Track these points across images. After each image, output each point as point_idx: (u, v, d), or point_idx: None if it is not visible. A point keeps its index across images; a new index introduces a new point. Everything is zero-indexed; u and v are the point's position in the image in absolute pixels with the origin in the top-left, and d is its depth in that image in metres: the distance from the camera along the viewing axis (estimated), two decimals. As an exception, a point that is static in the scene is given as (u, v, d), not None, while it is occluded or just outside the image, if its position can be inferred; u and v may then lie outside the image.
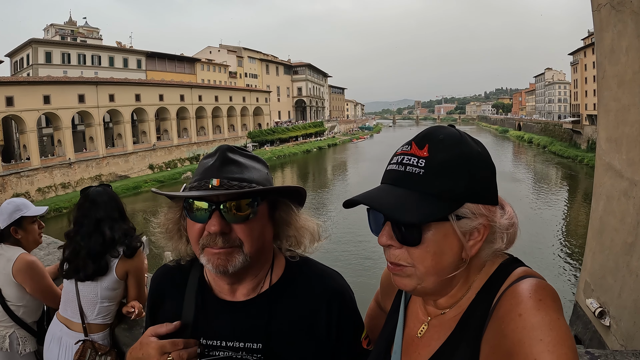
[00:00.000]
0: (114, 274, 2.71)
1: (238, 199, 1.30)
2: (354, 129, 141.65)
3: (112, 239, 2.69)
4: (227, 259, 1.29)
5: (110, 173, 52.53)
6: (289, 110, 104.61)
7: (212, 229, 1.27)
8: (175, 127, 64.48)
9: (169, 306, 1.51)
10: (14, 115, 45.66)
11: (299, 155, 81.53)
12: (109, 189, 2.87)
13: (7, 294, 2.98)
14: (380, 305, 1.63)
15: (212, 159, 1.38)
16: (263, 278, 1.45)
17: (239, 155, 1.39)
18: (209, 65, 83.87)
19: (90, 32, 78.37)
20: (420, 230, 1.06)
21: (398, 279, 1.13)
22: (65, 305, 2.76)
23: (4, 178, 41.36)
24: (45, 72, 55.15)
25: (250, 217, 1.32)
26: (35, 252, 3.53)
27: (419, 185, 1.07)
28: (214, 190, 1.28)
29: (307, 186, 51.58)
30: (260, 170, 1.41)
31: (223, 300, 1.44)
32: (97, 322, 2.72)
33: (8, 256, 2.97)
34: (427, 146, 1.09)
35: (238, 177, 1.32)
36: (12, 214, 3.02)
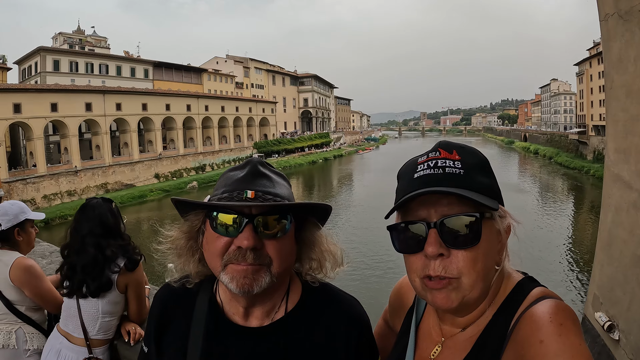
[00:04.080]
0: (115, 288, 2.70)
1: (271, 214, 1.25)
2: (359, 140, 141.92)
3: (102, 256, 2.65)
4: (254, 277, 1.23)
5: (116, 181, 52.88)
6: (295, 121, 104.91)
7: (245, 244, 1.21)
8: (182, 136, 64.70)
9: (175, 329, 1.43)
10: (21, 122, 45.84)
11: (304, 166, 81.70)
12: (104, 204, 2.82)
13: (7, 294, 2.97)
14: (389, 324, 1.59)
15: (241, 171, 1.33)
16: (278, 303, 1.38)
17: (269, 170, 1.35)
18: (215, 75, 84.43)
19: (98, 42, 79.05)
20: (480, 226, 1.06)
21: (441, 295, 1.09)
22: (66, 320, 2.74)
23: (10, 184, 41.58)
24: (53, 80, 55.68)
25: (280, 234, 1.27)
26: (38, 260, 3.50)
27: (464, 184, 1.08)
28: (248, 201, 1.23)
29: (313, 197, 51.76)
30: (287, 187, 1.38)
31: (236, 324, 1.37)
32: (98, 337, 2.70)
33: (5, 260, 2.95)
34: (455, 151, 1.12)
35: (272, 192, 1.28)
36: (17, 215, 3.05)
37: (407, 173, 1.17)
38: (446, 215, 1.07)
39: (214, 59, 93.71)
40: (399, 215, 1.18)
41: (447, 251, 1.06)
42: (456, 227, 1.06)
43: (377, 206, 36.62)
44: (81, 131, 53.05)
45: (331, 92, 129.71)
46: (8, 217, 3.01)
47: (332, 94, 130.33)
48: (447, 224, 1.07)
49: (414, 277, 1.12)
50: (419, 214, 1.10)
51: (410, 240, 1.12)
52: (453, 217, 1.07)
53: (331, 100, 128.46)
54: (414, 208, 1.12)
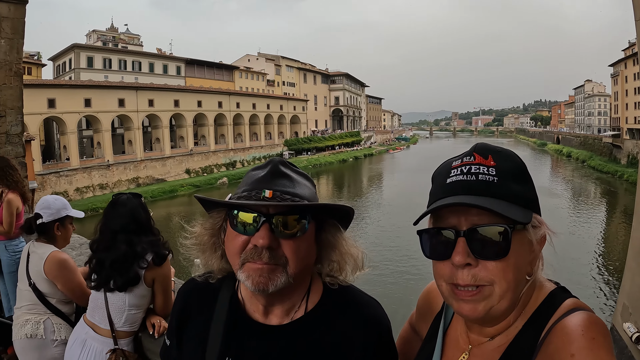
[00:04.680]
0: (142, 282, 2.71)
1: (289, 214, 1.26)
2: (390, 140, 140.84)
3: (133, 252, 2.65)
4: (269, 276, 1.23)
5: (147, 176, 53.57)
6: (325, 119, 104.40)
7: (260, 242, 1.21)
8: (213, 133, 65.13)
9: (196, 324, 1.43)
10: (56, 117, 46.88)
11: (335, 164, 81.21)
12: (134, 200, 2.81)
13: (40, 287, 3.07)
14: (415, 328, 1.55)
15: (262, 170, 1.33)
16: (298, 302, 1.37)
17: (290, 170, 1.35)
18: (247, 73, 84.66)
19: (131, 39, 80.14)
20: (509, 238, 1.02)
21: (470, 305, 1.06)
22: (93, 311, 2.76)
23: (44, 177, 42.11)
24: (86, 76, 57.06)
25: (298, 234, 1.26)
26: (67, 251, 3.67)
27: (497, 192, 1.05)
28: (266, 201, 1.23)
29: (342, 195, 51.85)
30: (309, 188, 1.36)
31: (255, 321, 1.37)
32: (124, 329, 2.71)
33: (40, 253, 3.08)
34: (490, 156, 1.09)
35: (290, 192, 1.27)
36: (60, 211, 3.18)
37: (441, 177, 1.14)
38: (476, 224, 1.04)
39: (246, 56, 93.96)
40: (431, 219, 1.14)
41: (474, 261, 1.03)
42: (485, 238, 1.03)
43: (407, 206, 36.27)
44: (114, 126, 54.40)
45: (362, 91, 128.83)
46: (50, 210, 3.15)
47: (363, 92, 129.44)
48: (476, 234, 1.04)
49: (441, 283, 1.10)
50: (449, 221, 1.08)
51: (439, 247, 1.10)
52: (482, 227, 1.03)
53: (362, 99, 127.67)
54: (444, 214, 1.09)
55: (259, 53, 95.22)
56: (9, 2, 7.27)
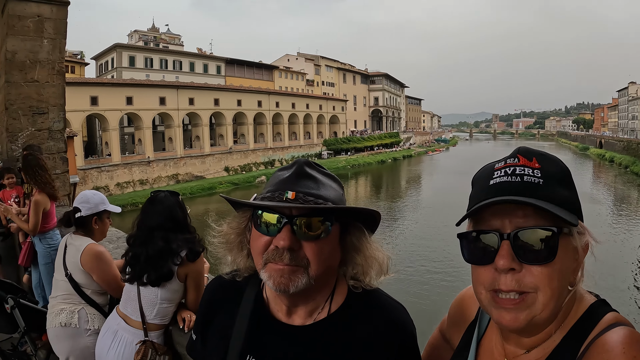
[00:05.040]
0: (175, 278, 2.72)
1: (312, 216, 1.24)
2: (429, 141, 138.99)
3: (169, 249, 2.68)
4: (290, 277, 1.22)
5: (186, 173, 54.13)
6: (365, 120, 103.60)
7: (281, 244, 1.21)
8: (252, 131, 65.32)
9: (221, 320, 1.46)
10: (98, 114, 48.03)
11: (373, 165, 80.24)
12: (171, 197, 2.85)
13: (76, 277, 3.17)
14: (445, 336, 1.51)
15: (287, 171, 1.32)
16: (322, 304, 1.37)
17: (316, 171, 1.34)
18: (286, 72, 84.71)
19: (172, 39, 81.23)
20: (557, 242, 0.98)
21: (511, 314, 1.00)
22: (125, 303, 2.80)
23: (86, 172, 43.08)
24: (128, 75, 58.34)
25: (321, 236, 1.25)
26: (105, 244, 3.77)
27: (543, 194, 1.00)
28: (288, 202, 1.23)
29: (380, 196, 51.39)
30: (336, 189, 1.35)
31: (279, 321, 1.37)
32: (155, 322, 2.74)
33: (77, 245, 3.17)
34: (535, 159, 1.05)
35: (314, 193, 1.26)
36: (98, 205, 3.27)
37: (482, 179, 1.10)
38: (521, 227, 0.99)
39: (285, 56, 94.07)
40: (471, 223, 1.10)
41: (519, 265, 0.98)
42: (531, 241, 0.98)
43: (445, 209, 35.41)
44: (155, 124, 55.12)
45: (402, 92, 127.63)
46: (89, 205, 3.25)
47: (402, 93, 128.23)
48: (522, 237, 0.98)
49: (481, 290, 1.05)
50: (492, 224, 1.03)
51: (480, 251, 1.05)
52: (528, 230, 0.98)
53: (402, 100, 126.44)
54: (487, 217, 1.04)
55: (298, 53, 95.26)
56: (51, 4, 7.53)
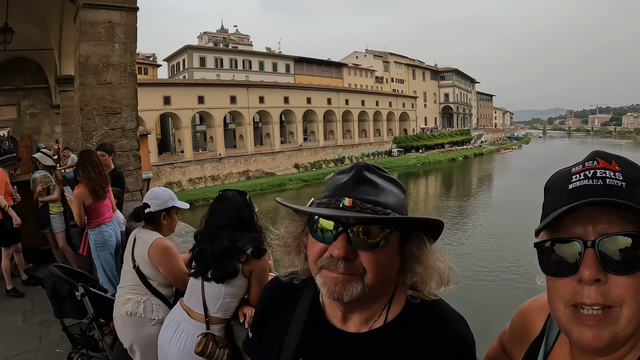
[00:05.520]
0: (240, 275, 2.76)
1: (369, 224, 1.18)
2: (501, 139, 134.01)
3: (234, 247, 2.71)
4: (344, 286, 1.17)
5: (257, 169, 54.77)
6: (435, 117, 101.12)
7: (336, 253, 1.16)
8: (322, 129, 65.17)
9: (276, 321, 1.45)
10: (171, 113, 49.82)
11: (444, 163, 78.08)
12: (239, 197, 2.88)
13: (143, 269, 3.31)
14: (506, 349, 1.43)
15: (346, 175, 1.26)
16: (379, 312, 1.31)
17: (376, 176, 1.26)
18: (355, 70, 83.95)
19: (241, 39, 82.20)
20: None
21: (593, 331, 0.91)
22: (189, 296, 2.86)
23: (159, 168, 45.10)
24: (199, 75, 59.92)
25: (379, 245, 1.18)
26: (173, 238, 4.07)
27: (627, 198, 0.92)
28: (344, 210, 1.18)
29: (451, 195, 49.98)
30: (396, 194, 1.27)
31: (333, 326, 1.34)
32: (217, 315, 2.79)
33: (145, 239, 3.33)
34: (614, 161, 0.98)
35: (372, 200, 1.19)
36: (167, 201, 3.44)
37: (559, 184, 1.01)
38: (605, 233, 0.91)
39: (353, 53, 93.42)
40: (547, 231, 1.01)
41: (604, 276, 0.90)
42: (617, 249, 0.90)
43: (517, 210, 34.02)
44: (226, 122, 56.49)
45: (472, 87, 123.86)
46: (158, 201, 3.41)
47: (473, 89, 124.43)
48: (607, 244, 0.90)
49: (559, 305, 0.96)
50: (573, 231, 0.94)
51: (559, 262, 0.96)
52: (614, 237, 0.90)
53: (472, 96, 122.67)
54: (567, 224, 0.95)
55: (366, 50, 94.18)
56: (121, 10, 7.91)
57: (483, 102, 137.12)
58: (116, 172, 6.71)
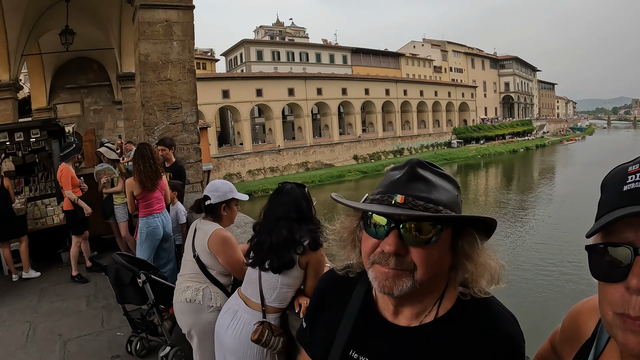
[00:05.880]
0: (297, 266, 2.78)
1: (421, 221, 1.19)
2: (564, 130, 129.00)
3: (292, 239, 2.74)
4: (394, 281, 1.19)
5: (316, 161, 55.09)
6: (495, 107, 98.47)
7: (387, 249, 1.18)
8: (380, 120, 64.58)
9: (329, 312, 1.48)
10: (230, 106, 51.02)
11: (504, 154, 75.81)
12: (297, 189, 2.89)
13: (203, 259, 3.42)
14: (556, 349, 1.40)
15: (399, 172, 1.26)
16: (430, 307, 1.30)
17: (429, 172, 1.26)
18: (413, 59, 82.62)
19: (297, 32, 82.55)
20: None
21: (637, 339, 0.89)
22: (247, 285, 2.92)
23: (219, 160, 46.30)
24: (257, 69, 60.98)
25: (430, 242, 1.19)
26: (232, 229, 4.15)
27: None
28: (396, 207, 1.19)
29: (511, 188, 48.43)
30: (450, 191, 1.26)
31: (385, 319, 1.35)
32: (274, 305, 2.82)
33: (205, 230, 3.42)
34: None
35: (424, 197, 1.19)
36: (227, 193, 3.50)
37: (614, 184, 0.96)
38: None
39: (411, 43, 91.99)
40: (600, 233, 0.96)
41: None
42: None
43: (580, 205, 32.25)
44: (284, 114, 56.99)
45: (533, 76, 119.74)
46: (218, 193, 3.48)
47: (534, 77, 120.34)
48: None
49: (607, 310, 0.93)
50: (625, 236, 0.90)
51: (609, 266, 0.92)
52: None
53: (534, 85, 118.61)
54: (619, 227, 0.91)
55: (424, 39, 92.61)
56: (177, 9, 8.22)
57: (544, 91, 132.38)
58: (177, 165, 7.03)
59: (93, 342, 5.16)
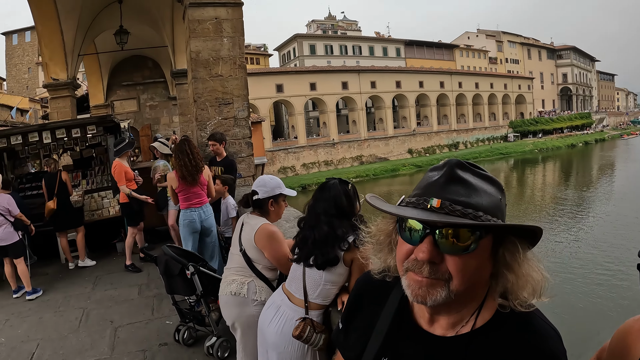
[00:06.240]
0: (341, 263, 2.76)
1: (457, 227, 1.10)
2: (624, 123, 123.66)
3: (334, 235, 2.72)
4: (427, 290, 1.11)
5: (370, 154, 55.06)
6: (553, 99, 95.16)
7: (420, 256, 1.10)
8: (435, 113, 63.65)
9: (364, 316, 1.44)
10: (284, 100, 51.81)
11: (562, 149, 73.20)
12: (339, 186, 2.86)
13: (249, 253, 3.40)
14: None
15: (437, 173, 1.17)
16: (467, 317, 1.21)
17: (470, 174, 1.16)
18: (467, 51, 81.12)
19: (349, 25, 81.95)
20: None
21: None
22: (291, 281, 2.92)
23: (274, 153, 47.02)
24: (310, 63, 61.53)
25: (468, 250, 1.11)
26: (281, 223, 4.42)
27: None
28: (431, 212, 1.11)
29: (569, 184, 46.36)
30: (492, 195, 1.16)
31: (420, 327, 1.28)
32: (317, 301, 2.81)
33: (252, 224, 3.41)
34: None
35: (463, 201, 1.11)
36: (274, 189, 3.46)
37: None
38: None
39: (465, 34, 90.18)
40: None
41: None
42: None
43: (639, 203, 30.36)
44: (338, 107, 57.12)
45: (592, 66, 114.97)
46: (266, 188, 3.45)
47: (593, 68, 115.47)
48: None
49: None
50: None
51: None
52: None
53: (592, 76, 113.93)
54: None
55: (478, 30, 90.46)
56: (226, 6, 8.36)
57: (604, 82, 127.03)
58: (228, 159, 7.08)
59: (142, 330, 5.35)
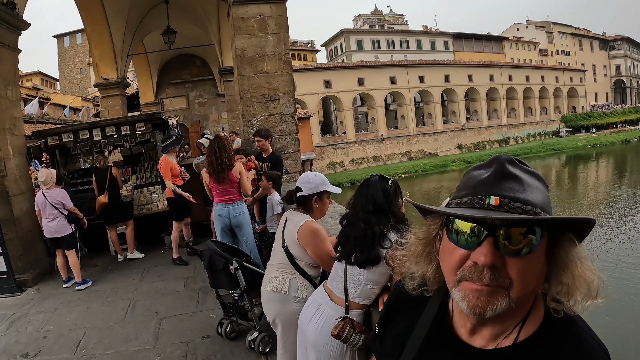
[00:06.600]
0: (383, 262, 2.71)
1: (517, 226, 1.03)
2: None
3: (371, 232, 2.69)
4: (488, 300, 1.04)
5: (419, 150, 54.50)
6: (606, 92, 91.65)
7: (482, 260, 1.02)
8: (485, 108, 62.25)
9: (400, 322, 1.37)
10: (332, 96, 51.73)
11: (616, 145, 70.20)
12: (378, 183, 2.83)
13: (292, 250, 3.40)
14: None
15: (486, 170, 1.11)
16: (510, 328, 1.13)
17: (520, 170, 1.10)
18: (517, 43, 79.14)
19: (396, 19, 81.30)
20: None
21: None
22: (332, 279, 2.91)
23: (322, 148, 47.40)
24: (357, 58, 61.47)
25: (531, 250, 1.04)
26: (327, 220, 4.40)
27: None
28: (489, 210, 1.05)
29: (622, 182, 44.47)
30: (543, 191, 1.11)
31: (458, 338, 1.20)
32: (357, 301, 2.79)
33: (295, 221, 3.39)
34: None
35: (521, 198, 1.04)
36: (318, 186, 3.44)
37: None
38: None
39: (514, 25, 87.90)
40: None
41: None
42: None
43: None
44: (387, 102, 56.68)
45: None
46: (310, 185, 3.43)
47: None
48: None
49: None
50: None
51: None
52: None
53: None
54: None
55: (527, 21, 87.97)
56: (270, 3, 8.39)
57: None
58: (274, 155, 7.17)
59: (186, 322, 5.46)
